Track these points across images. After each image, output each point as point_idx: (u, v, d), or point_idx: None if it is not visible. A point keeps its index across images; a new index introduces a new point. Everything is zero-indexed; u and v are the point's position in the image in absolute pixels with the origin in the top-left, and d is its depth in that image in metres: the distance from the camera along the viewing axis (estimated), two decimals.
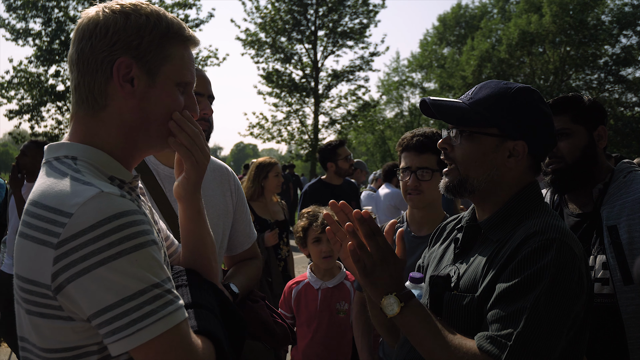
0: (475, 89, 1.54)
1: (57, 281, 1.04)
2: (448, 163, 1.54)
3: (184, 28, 1.27)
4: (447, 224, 1.79)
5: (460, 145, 1.50)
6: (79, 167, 1.15)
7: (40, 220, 1.06)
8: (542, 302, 1.29)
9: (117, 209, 1.05)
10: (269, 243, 4.48)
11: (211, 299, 1.31)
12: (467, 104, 1.50)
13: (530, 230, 1.39)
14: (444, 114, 1.50)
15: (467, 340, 1.33)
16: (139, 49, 1.19)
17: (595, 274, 1.91)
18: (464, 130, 1.49)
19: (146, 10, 1.22)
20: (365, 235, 1.40)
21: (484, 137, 1.47)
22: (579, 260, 1.36)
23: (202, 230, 1.43)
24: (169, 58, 1.23)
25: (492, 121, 1.47)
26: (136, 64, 1.20)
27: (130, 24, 1.19)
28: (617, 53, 28.45)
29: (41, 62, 18.43)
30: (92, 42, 1.18)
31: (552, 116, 1.55)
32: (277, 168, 4.76)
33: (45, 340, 1.10)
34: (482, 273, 1.43)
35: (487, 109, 1.47)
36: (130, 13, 1.20)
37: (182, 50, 1.26)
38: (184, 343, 1.08)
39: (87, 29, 1.20)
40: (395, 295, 1.38)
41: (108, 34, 1.18)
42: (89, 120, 1.22)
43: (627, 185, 1.94)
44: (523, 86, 1.51)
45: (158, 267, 1.08)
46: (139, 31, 1.20)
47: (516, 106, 1.47)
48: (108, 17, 1.19)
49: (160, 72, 1.22)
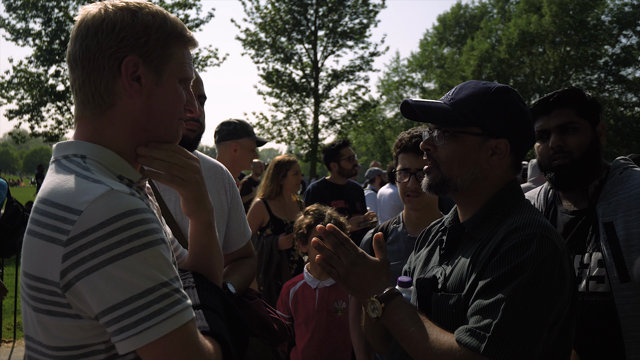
0: (455, 89, 1.57)
1: (65, 278, 1.03)
2: (429, 163, 1.56)
3: (186, 29, 1.28)
4: (432, 227, 1.80)
5: (443, 145, 1.52)
6: (88, 166, 1.15)
7: (49, 218, 1.06)
8: (520, 294, 1.29)
9: (126, 206, 1.05)
10: (283, 246, 4.31)
11: (217, 301, 1.31)
12: (449, 105, 1.52)
13: (511, 226, 1.41)
14: (428, 115, 1.53)
15: (447, 335, 1.34)
16: (146, 46, 1.19)
17: (591, 271, 1.89)
18: (447, 131, 1.51)
19: (151, 10, 1.22)
20: (333, 246, 1.51)
21: (467, 137, 1.49)
22: (560, 254, 1.37)
23: (211, 242, 1.42)
24: (172, 56, 1.23)
25: (474, 120, 1.49)
26: (143, 62, 1.19)
27: (138, 21, 1.18)
28: (617, 53, 28.44)
29: (41, 62, 18.43)
30: (98, 39, 1.16)
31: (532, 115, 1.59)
32: (297, 166, 4.63)
33: (52, 339, 1.10)
34: (467, 272, 1.45)
35: (469, 109, 1.49)
36: (137, 11, 1.19)
37: (183, 49, 1.27)
38: (191, 343, 1.07)
39: (91, 26, 1.17)
40: (375, 298, 1.44)
41: (115, 30, 1.16)
42: (96, 119, 1.21)
43: (624, 182, 1.91)
44: (502, 85, 1.53)
45: (167, 265, 1.08)
46: (146, 29, 1.19)
47: (497, 105, 1.49)
48: (114, 14, 1.18)
49: (165, 70, 1.22)
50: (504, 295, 1.30)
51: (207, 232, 1.41)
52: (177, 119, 1.28)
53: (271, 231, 4.47)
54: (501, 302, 1.29)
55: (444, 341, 1.32)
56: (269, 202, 4.53)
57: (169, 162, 1.28)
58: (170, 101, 1.24)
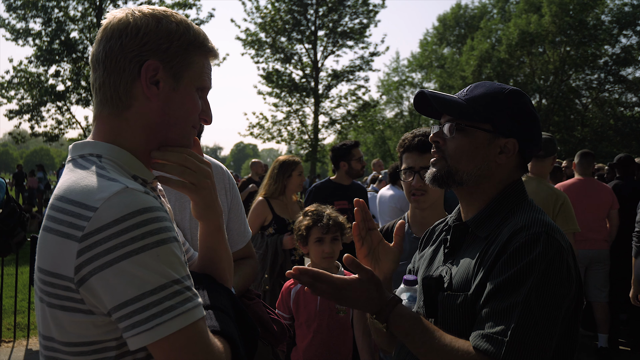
0: (470, 87, 1.59)
1: (80, 274, 1.05)
2: (437, 155, 1.57)
3: (208, 40, 1.31)
4: (436, 226, 1.81)
5: (453, 138, 1.53)
6: (103, 165, 1.18)
7: (65, 214, 1.08)
8: (534, 296, 1.30)
9: (141, 204, 1.07)
10: (287, 246, 4.33)
11: (227, 303, 1.33)
12: (463, 100, 1.55)
13: (516, 226, 1.42)
14: (444, 106, 1.54)
15: (461, 342, 1.34)
16: (167, 52, 1.22)
17: None
18: (459, 124, 1.53)
19: (176, 18, 1.26)
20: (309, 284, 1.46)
21: (478, 132, 1.51)
22: (566, 253, 1.38)
23: (220, 245, 1.44)
24: (192, 64, 1.27)
25: (487, 117, 1.51)
26: (163, 67, 1.22)
27: (162, 27, 1.22)
28: (617, 53, 28.44)
29: (41, 62, 18.46)
30: (122, 41, 1.20)
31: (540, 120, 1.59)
32: (301, 167, 4.67)
33: (65, 334, 1.11)
34: (473, 271, 1.45)
35: (483, 106, 1.52)
36: (162, 18, 1.24)
37: (204, 59, 1.30)
38: (201, 341, 1.09)
39: (117, 29, 1.21)
40: (374, 319, 1.45)
41: (139, 34, 1.20)
42: (113, 119, 1.24)
43: None
44: (516, 88, 1.56)
45: (179, 263, 1.09)
46: (169, 36, 1.23)
47: (510, 106, 1.52)
48: (140, 19, 1.22)
49: (184, 77, 1.26)
50: (517, 298, 1.30)
51: (217, 235, 1.43)
52: (190, 126, 1.30)
53: (274, 230, 4.49)
54: (516, 306, 1.30)
55: (459, 347, 1.32)
56: (271, 201, 4.55)
57: (182, 167, 1.30)
58: (186, 107, 1.27)
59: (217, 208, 1.41)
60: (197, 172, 1.33)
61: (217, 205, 1.41)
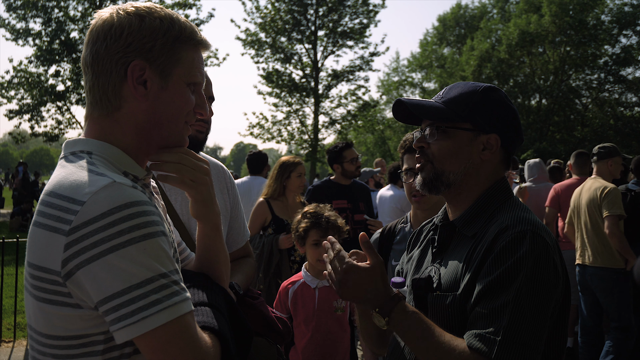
0: (445, 89, 1.63)
1: (67, 267, 1.06)
2: (423, 160, 1.59)
3: (196, 32, 1.30)
4: (424, 226, 1.82)
5: (436, 141, 1.56)
6: (93, 161, 1.19)
7: (53, 209, 1.09)
8: (524, 294, 1.33)
9: (128, 198, 1.08)
10: (283, 245, 4.34)
11: (221, 301, 1.33)
12: (440, 103, 1.58)
13: (502, 224, 1.44)
14: (422, 111, 1.58)
15: (459, 340, 1.36)
16: (152, 51, 1.22)
17: None
18: (440, 127, 1.55)
19: (160, 14, 1.24)
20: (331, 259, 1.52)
21: (459, 132, 1.54)
22: (552, 250, 1.41)
23: (217, 245, 1.44)
24: (180, 60, 1.26)
25: (465, 117, 1.54)
26: (149, 66, 1.22)
27: (145, 26, 1.21)
28: (617, 53, 28.43)
29: (41, 62, 18.45)
30: (106, 44, 1.20)
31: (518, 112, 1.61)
32: (301, 168, 4.63)
33: (52, 328, 1.12)
34: (461, 271, 1.47)
35: (460, 106, 1.55)
36: (145, 16, 1.22)
37: (193, 53, 1.29)
38: (188, 335, 1.08)
39: (101, 31, 1.22)
40: (377, 312, 1.44)
41: (123, 35, 1.20)
42: (103, 120, 1.25)
43: None
44: (490, 85, 1.61)
45: (166, 257, 1.10)
46: (153, 34, 1.22)
47: (486, 102, 1.55)
48: (123, 19, 1.21)
49: (172, 74, 1.25)
50: (507, 297, 1.33)
51: (214, 235, 1.43)
52: (183, 123, 1.30)
53: (272, 230, 4.48)
54: (506, 305, 1.32)
55: (457, 346, 1.34)
56: (271, 202, 4.55)
57: (179, 164, 1.31)
58: (176, 105, 1.27)
59: (215, 207, 1.41)
60: (195, 169, 1.34)
61: (215, 204, 1.41)
